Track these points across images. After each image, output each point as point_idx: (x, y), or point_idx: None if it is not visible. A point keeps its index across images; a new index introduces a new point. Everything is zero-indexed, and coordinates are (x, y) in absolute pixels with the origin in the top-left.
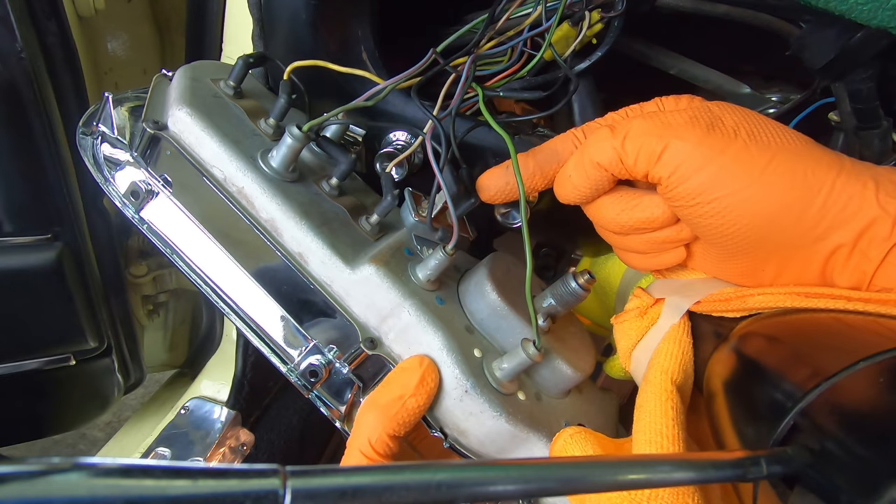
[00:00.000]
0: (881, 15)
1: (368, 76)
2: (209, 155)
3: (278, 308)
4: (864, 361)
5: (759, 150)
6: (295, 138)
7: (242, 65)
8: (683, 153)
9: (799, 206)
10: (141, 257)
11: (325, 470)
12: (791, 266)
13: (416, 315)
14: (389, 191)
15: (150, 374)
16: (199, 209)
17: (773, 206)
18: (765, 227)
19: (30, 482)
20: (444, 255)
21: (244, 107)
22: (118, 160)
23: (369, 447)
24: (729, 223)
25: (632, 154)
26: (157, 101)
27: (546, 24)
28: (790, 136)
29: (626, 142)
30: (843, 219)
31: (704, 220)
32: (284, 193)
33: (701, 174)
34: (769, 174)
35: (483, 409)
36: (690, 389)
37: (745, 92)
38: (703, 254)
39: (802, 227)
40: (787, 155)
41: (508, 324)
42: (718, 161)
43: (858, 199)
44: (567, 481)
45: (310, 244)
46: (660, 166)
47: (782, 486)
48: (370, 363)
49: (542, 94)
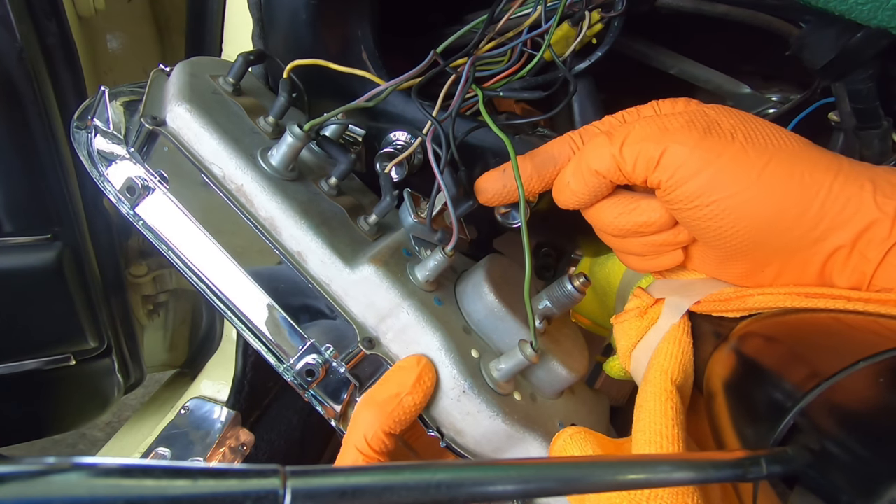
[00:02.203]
0: (881, 15)
1: (369, 76)
2: (208, 152)
3: (275, 306)
4: (863, 361)
5: (756, 153)
6: (296, 137)
7: (242, 62)
8: (681, 157)
9: (797, 208)
10: (141, 257)
11: (325, 470)
12: (790, 268)
13: (414, 315)
14: (389, 191)
15: (150, 374)
16: (196, 206)
17: (771, 208)
18: (763, 229)
19: (30, 482)
20: (443, 256)
21: (243, 104)
22: (113, 155)
23: (365, 444)
24: (727, 225)
25: (630, 160)
26: (155, 97)
27: (546, 24)
28: (787, 137)
29: (624, 148)
30: (841, 220)
31: (703, 223)
32: (284, 192)
33: (699, 177)
34: (767, 176)
35: (480, 408)
36: (690, 389)
37: (745, 92)
38: (702, 256)
39: (801, 228)
40: (784, 157)
41: (505, 325)
42: (716, 164)
43: (856, 200)
44: (567, 481)
45: (309, 243)
46: (658, 171)
47: (782, 486)
48: (367, 363)
49: (542, 94)
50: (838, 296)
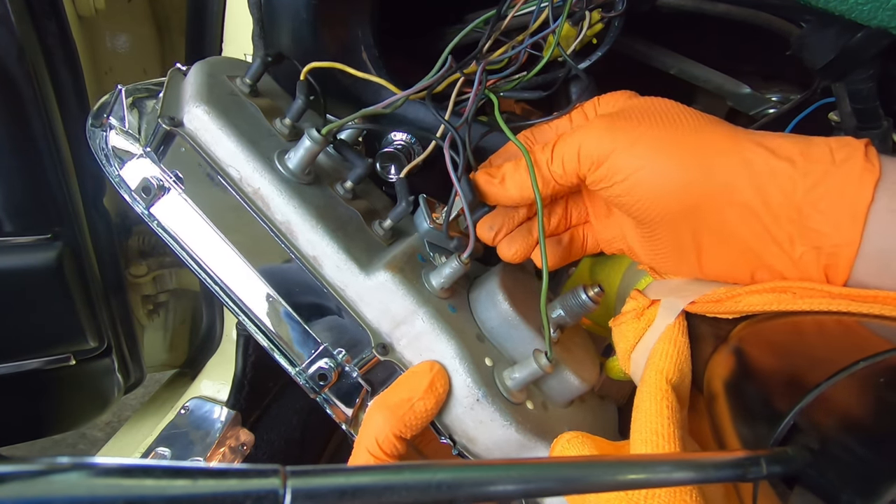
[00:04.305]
0: (881, 15)
1: (386, 84)
2: (225, 154)
3: (289, 310)
4: (863, 361)
5: (662, 129)
6: (314, 141)
7: (260, 63)
8: (593, 145)
9: (699, 174)
10: (141, 257)
11: (325, 470)
12: (706, 236)
13: (429, 323)
14: (404, 197)
15: (150, 374)
16: (211, 207)
17: (676, 176)
18: (672, 196)
19: (30, 482)
20: (459, 263)
21: (260, 105)
22: (129, 154)
23: (376, 446)
24: (643, 198)
25: (558, 167)
26: (172, 97)
27: (554, 24)
28: (691, 115)
29: (554, 156)
30: (741, 184)
31: (623, 199)
32: (301, 196)
33: (610, 159)
34: (670, 148)
35: (493, 417)
36: (688, 389)
37: (745, 92)
38: (636, 238)
39: (707, 194)
40: (685, 131)
41: (519, 333)
42: (623, 143)
43: (752, 164)
44: (567, 481)
45: (325, 248)
46: (581, 164)
47: (782, 486)
48: (380, 369)
49: (542, 94)
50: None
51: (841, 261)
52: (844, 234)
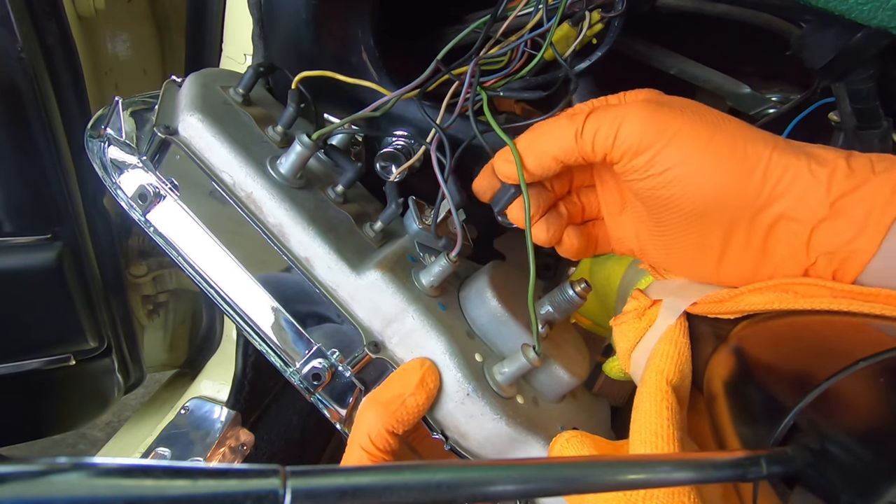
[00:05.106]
0: (881, 15)
1: (375, 87)
2: (219, 160)
3: (282, 311)
4: (863, 361)
5: (703, 127)
6: (304, 146)
7: (252, 73)
8: (635, 131)
9: (740, 176)
10: (141, 257)
11: (325, 470)
12: (735, 239)
13: (419, 320)
14: (394, 199)
15: (150, 374)
16: (206, 213)
17: (717, 176)
18: (709, 197)
19: (30, 482)
20: (447, 262)
21: (252, 114)
22: (126, 163)
23: (369, 442)
24: (678, 194)
25: (588, 138)
26: (167, 106)
27: (547, 24)
28: (729, 118)
29: (586, 126)
30: (780, 189)
31: (656, 192)
32: (292, 199)
33: (652, 149)
34: (713, 147)
35: (484, 411)
36: (688, 389)
37: (745, 92)
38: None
39: (744, 196)
40: (728, 132)
41: (508, 329)
42: (667, 136)
43: (793, 170)
44: (567, 481)
45: (316, 249)
46: (616, 145)
47: (782, 486)
48: (373, 367)
49: (542, 94)
50: (839, 291)
51: (852, 265)
52: (865, 240)
